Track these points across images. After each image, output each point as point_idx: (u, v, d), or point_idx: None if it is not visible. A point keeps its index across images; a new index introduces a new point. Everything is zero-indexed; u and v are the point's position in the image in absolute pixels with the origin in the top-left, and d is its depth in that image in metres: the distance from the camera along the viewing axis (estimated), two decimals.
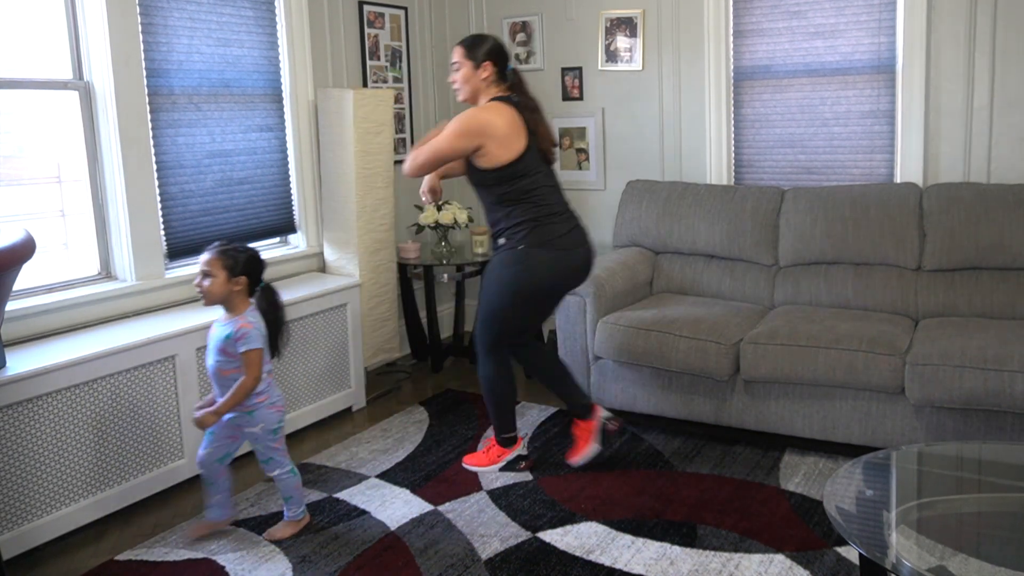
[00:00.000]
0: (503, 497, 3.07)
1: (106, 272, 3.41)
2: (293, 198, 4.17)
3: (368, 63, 4.55)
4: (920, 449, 2.51)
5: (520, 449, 3.29)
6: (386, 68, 4.68)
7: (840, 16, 3.93)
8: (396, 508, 3.01)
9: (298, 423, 3.71)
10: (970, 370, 2.90)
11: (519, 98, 3.04)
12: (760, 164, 4.25)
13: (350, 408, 4.02)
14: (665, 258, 4.09)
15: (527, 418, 3.80)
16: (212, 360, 2.73)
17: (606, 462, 3.31)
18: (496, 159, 2.92)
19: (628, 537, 2.76)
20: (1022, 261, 3.38)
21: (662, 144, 4.47)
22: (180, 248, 3.60)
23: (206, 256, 2.68)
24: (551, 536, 2.78)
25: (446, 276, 4.65)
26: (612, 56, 4.55)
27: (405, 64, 4.82)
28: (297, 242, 4.24)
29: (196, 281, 2.70)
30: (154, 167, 3.46)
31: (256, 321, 2.71)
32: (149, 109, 3.43)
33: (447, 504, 3.03)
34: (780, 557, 2.60)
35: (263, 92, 3.97)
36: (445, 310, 5.12)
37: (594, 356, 3.64)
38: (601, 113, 4.60)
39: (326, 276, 4.13)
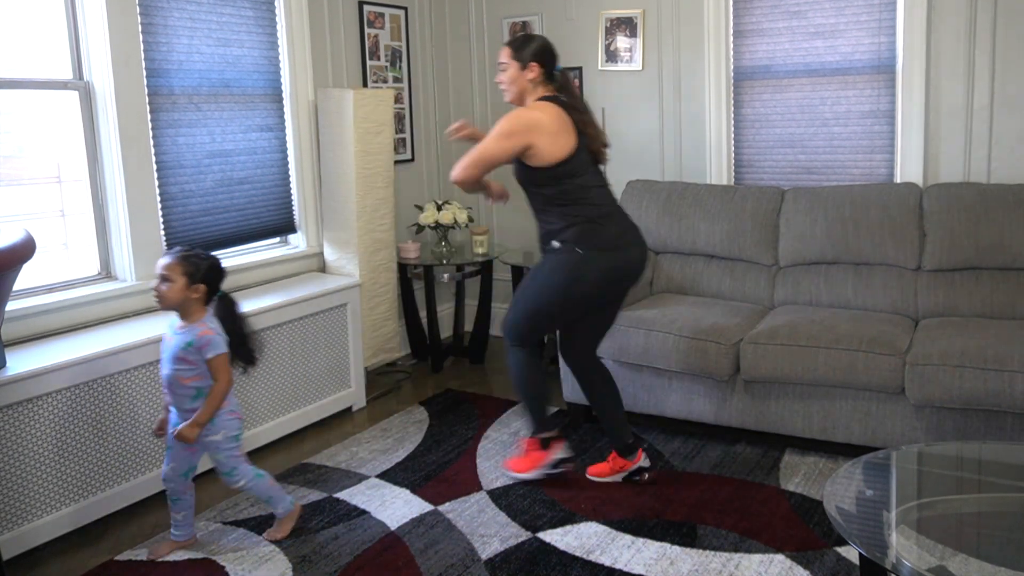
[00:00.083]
0: (503, 497, 3.07)
1: (106, 272, 3.41)
2: (293, 198, 4.18)
3: (368, 63, 4.55)
4: (920, 449, 2.51)
5: (562, 452, 3.14)
6: (386, 68, 4.69)
7: (840, 16, 3.93)
8: (396, 508, 3.01)
9: (298, 423, 3.72)
10: (970, 370, 2.90)
11: (567, 99, 2.98)
12: (760, 164, 4.25)
13: (350, 408, 4.02)
14: (665, 258, 4.09)
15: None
16: (168, 369, 2.65)
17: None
18: (546, 157, 2.85)
19: (628, 537, 2.76)
20: (1022, 261, 3.38)
21: (662, 144, 4.47)
22: None
23: (166, 260, 2.61)
24: (551, 536, 2.78)
25: (446, 276, 4.65)
26: (612, 56, 4.55)
27: (405, 64, 4.82)
28: (297, 242, 4.24)
29: (154, 285, 2.62)
30: (154, 167, 3.46)
31: (217, 327, 2.66)
32: (149, 109, 3.43)
33: (447, 504, 3.03)
34: (780, 557, 2.60)
35: (263, 92, 3.97)
36: (445, 310, 5.13)
37: None
38: (601, 113, 4.59)
39: (326, 276, 4.13)
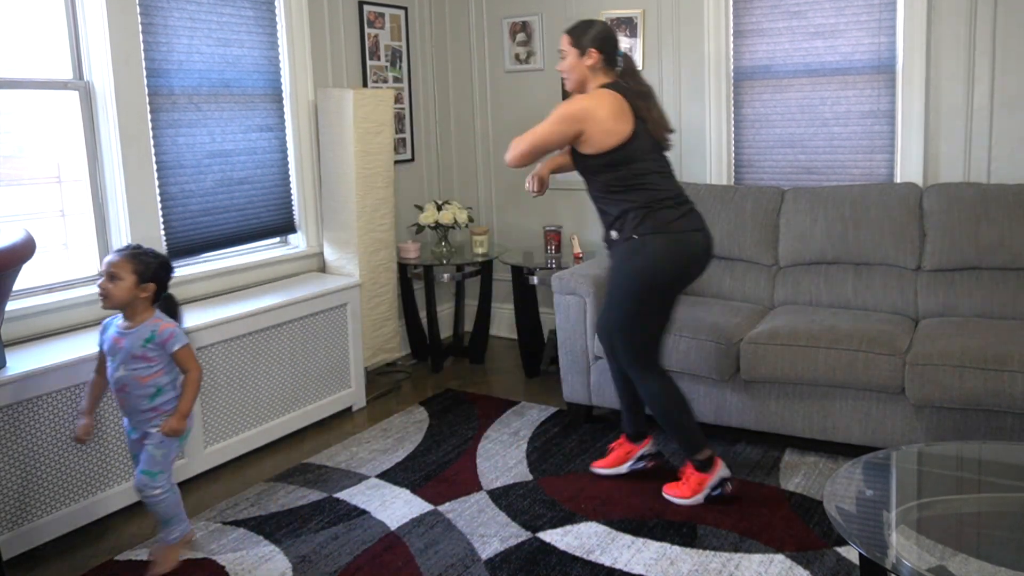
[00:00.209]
0: (503, 497, 3.07)
1: None
2: (293, 198, 4.18)
3: (368, 63, 4.55)
4: (920, 449, 2.50)
5: (721, 471, 2.98)
6: (386, 68, 4.69)
7: (840, 16, 3.93)
8: (396, 508, 3.01)
9: (298, 423, 3.72)
10: (970, 370, 2.91)
11: (629, 84, 2.95)
12: (760, 164, 4.25)
13: (350, 408, 4.02)
14: None
15: (527, 418, 3.80)
16: (123, 371, 2.57)
17: None
18: (599, 144, 2.84)
19: (628, 537, 2.76)
20: (1022, 261, 3.38)
21: None
22: (180, 248, 3.60)
23: (114, 257, 2.53)
24: (551, 536, 2.78)
25: (446, 276, 4.65)
26: None
27: (405, 64, 4.82)
28: (297, 242, 4.24)
29: (100, 282, 2.53)
30: (154, 167, 3.46)
31: (172, 321, 2.64)
32: (149, 109, 3.43)
33: (447, 504, 3.03)
34: (780, 557, 2.60)
35: (263, 92, 3.97)
36: (445, 310, 5.13)
37: (594, 356, 3.64)
38: None
39: (326, 276, 4.13)
